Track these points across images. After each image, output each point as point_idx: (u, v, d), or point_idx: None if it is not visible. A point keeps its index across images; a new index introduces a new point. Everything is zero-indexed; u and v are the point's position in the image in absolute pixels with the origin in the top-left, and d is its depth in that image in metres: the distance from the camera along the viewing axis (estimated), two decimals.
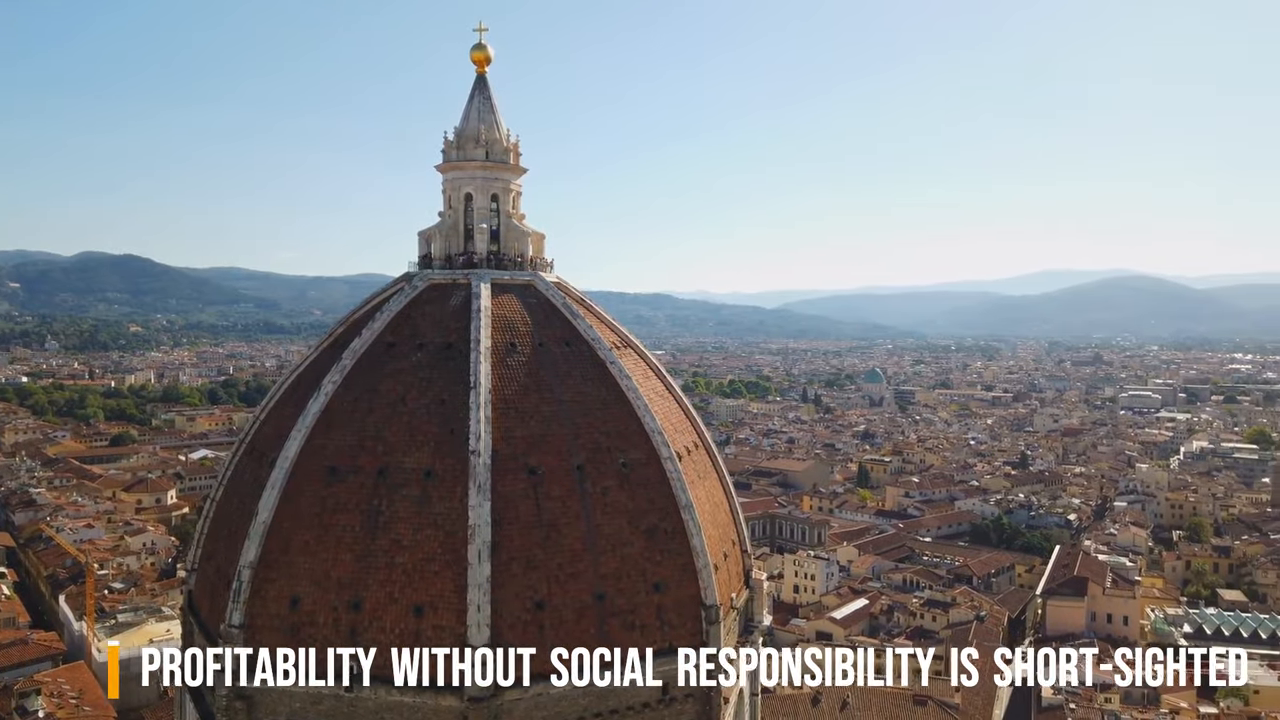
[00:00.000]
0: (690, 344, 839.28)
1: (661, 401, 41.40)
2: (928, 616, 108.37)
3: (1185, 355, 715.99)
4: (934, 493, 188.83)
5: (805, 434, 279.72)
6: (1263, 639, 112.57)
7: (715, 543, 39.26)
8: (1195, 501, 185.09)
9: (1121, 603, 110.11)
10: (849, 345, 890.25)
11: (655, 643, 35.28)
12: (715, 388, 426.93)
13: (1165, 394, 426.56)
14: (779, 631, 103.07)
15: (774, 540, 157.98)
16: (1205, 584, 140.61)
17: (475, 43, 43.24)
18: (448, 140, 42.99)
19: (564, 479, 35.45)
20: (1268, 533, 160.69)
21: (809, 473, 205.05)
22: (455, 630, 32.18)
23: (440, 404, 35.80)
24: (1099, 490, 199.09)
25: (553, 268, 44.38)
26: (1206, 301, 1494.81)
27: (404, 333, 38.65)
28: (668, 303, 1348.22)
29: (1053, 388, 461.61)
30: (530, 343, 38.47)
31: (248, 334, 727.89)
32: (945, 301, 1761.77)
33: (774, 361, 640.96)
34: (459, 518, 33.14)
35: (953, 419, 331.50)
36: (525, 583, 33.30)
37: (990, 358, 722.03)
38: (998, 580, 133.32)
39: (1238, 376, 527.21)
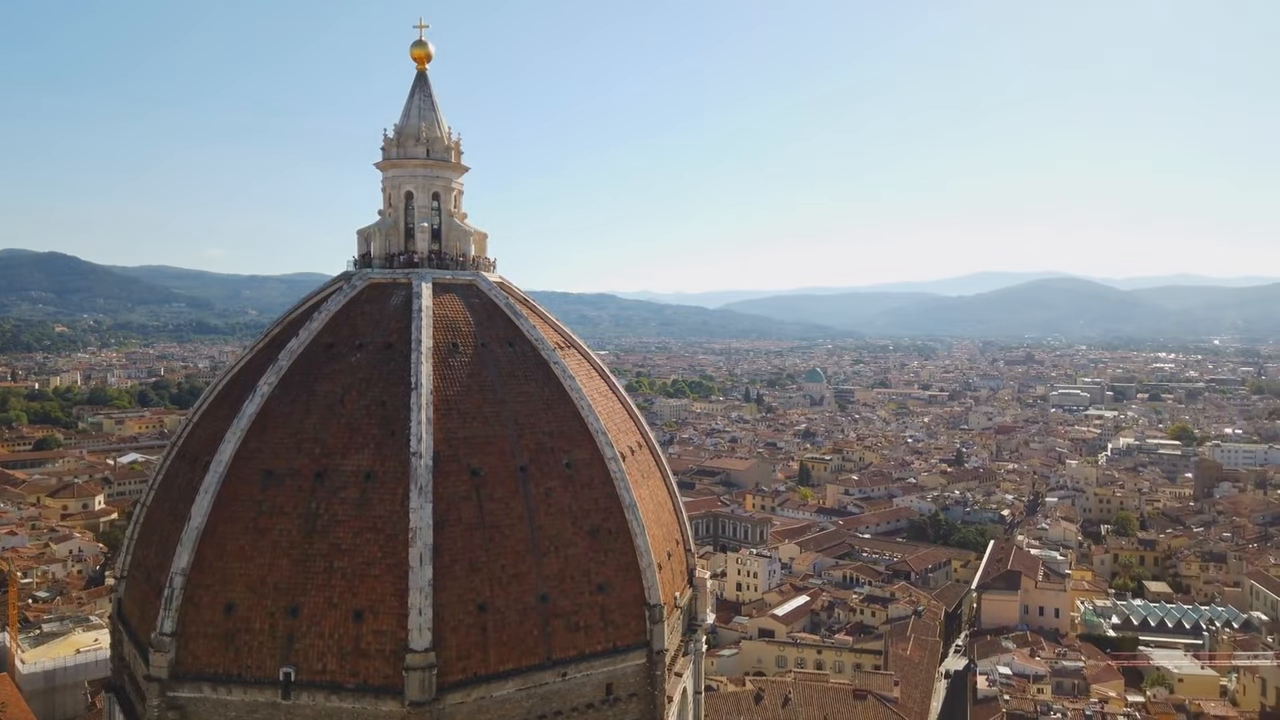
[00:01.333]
0: (634, 344, 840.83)
1: (605, 402, 41.37)
2: (867, 612, 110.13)
3: (1112, 355, 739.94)
4: (873, 490, 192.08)
5: (748, 433, 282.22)
6: (1186, 629, 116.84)
7: (659, 542, 39.36)
8: (1122, 496, 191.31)
9: (1053, 595, 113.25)
10: (790, 345, 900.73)
11: (599, 643, 35.24)
12: (659, 388, 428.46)
13: (1093, 392, 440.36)
14: (722, 629, 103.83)
15: (717, 539, 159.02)
16: (1132, 576, 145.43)
17: (416, 39, 42.73)
18: (388, 138, 42.37)
19: (507, 480, 35.19)
20: (1190, 526, 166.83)
21: (751, 472, 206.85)
22: (396, 635, 31.71)
23: (380, 405, 35.27)
24: (1031, 486, 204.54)
25: (495, 267, 44.07)
26: (1131, 302, 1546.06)
27: (343, 333, 37.98)
28: (611, 303, 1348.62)
29: (987, 386, 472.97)
30: (473, 343, 38.10)
31: (179, 334, 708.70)
32: (883, 302, 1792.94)
33: (717, 361, 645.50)
34: (400, 520, 32.67)
35: (891, 417, 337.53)
36: (468, 585, 32.97)
37: (927, 357, 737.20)
38: (935, 575, 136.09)
39: (1161, 375, 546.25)
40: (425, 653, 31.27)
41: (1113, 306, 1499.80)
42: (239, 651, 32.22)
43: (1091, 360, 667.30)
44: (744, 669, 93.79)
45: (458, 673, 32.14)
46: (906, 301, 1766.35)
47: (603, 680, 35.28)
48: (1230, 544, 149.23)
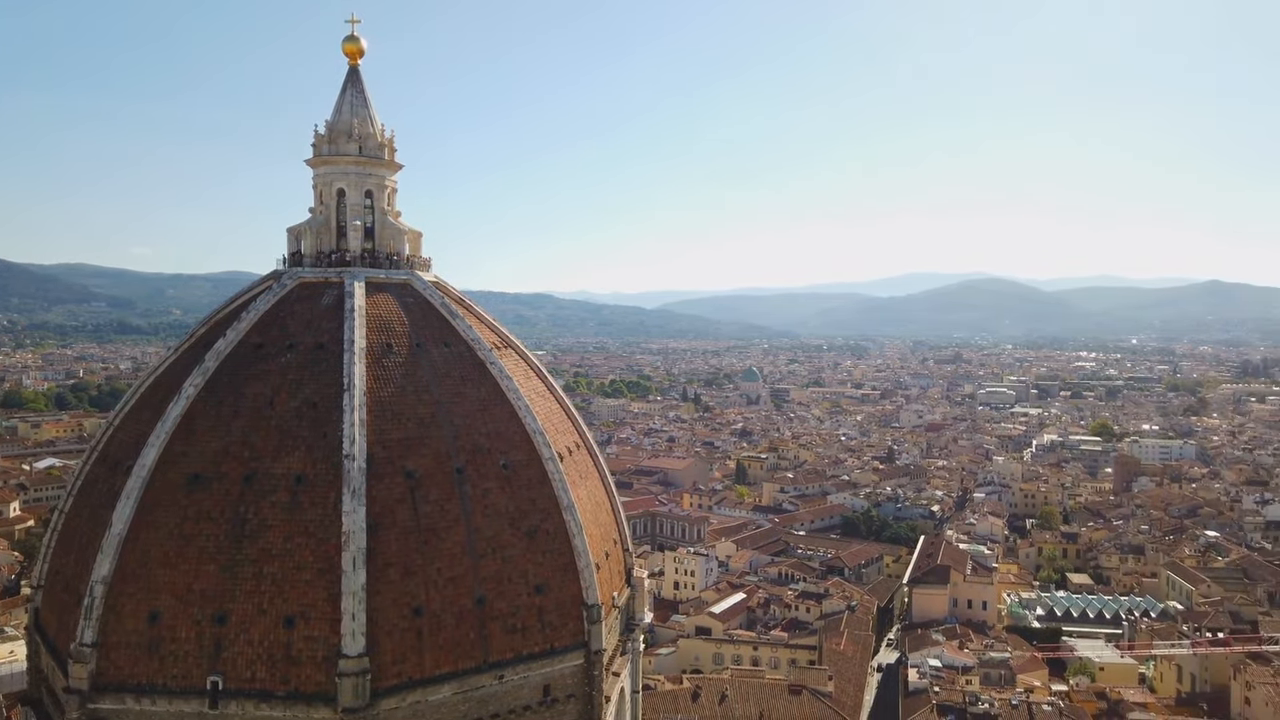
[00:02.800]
0: (571, 344, 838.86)
1: (543, 402, 41.25)
2: (802, 608, 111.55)
3: (1036, 354, 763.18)
4: (808, 488, 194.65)
5: (685, 432, 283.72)
6: (1107, 619, 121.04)
7: (597, 542, 39.40)
8: (1046, 491, 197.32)
9: (980, 589, 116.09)
10: (727, 345, 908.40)
11: (537, 645, 35.16)
12: (596, 388, 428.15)
13: (1019, 390, 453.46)
14: (660, 628, 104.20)
15: (655, 538, 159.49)
16: (1056, 569, 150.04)
17: (348, 34, 42.02)
18: (318, 134, 41.58)
19: (443, 482, 34.86)
20: (1110, 519, 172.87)
21: (689, 471, 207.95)
22: (329, 641, 31.18)
23: (311, 407, 34.61)
24: (960, 482, 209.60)
25: (430, 266, 43.59)
26: (1055, 303, 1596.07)
27: (272, 333, 37.16)
28: (549, 303, 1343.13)
29: (917, 385, 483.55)
30: (407, 343, 37.63)
31: (99, 335, 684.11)
32: (818, 302, 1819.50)
33: (655, 361, 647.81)
34: (332, 524, 32.14)
35: (825, 416, 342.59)
36: (403, 589, 32.58)
37: (860, 357, 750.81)
38: (867, 571, 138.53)
39: (1083, 374, 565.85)
40: (359, 658, 30.83)
41: (1037, 307, 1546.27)
42: (163, 661, 31.36)
43: (1017, 359, 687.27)
44: (681, 667, 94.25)
45: (392, 678, 31.77)
46: (840, 302, 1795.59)
47: (540, 682, 35.20)
48: (1148, 536, 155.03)
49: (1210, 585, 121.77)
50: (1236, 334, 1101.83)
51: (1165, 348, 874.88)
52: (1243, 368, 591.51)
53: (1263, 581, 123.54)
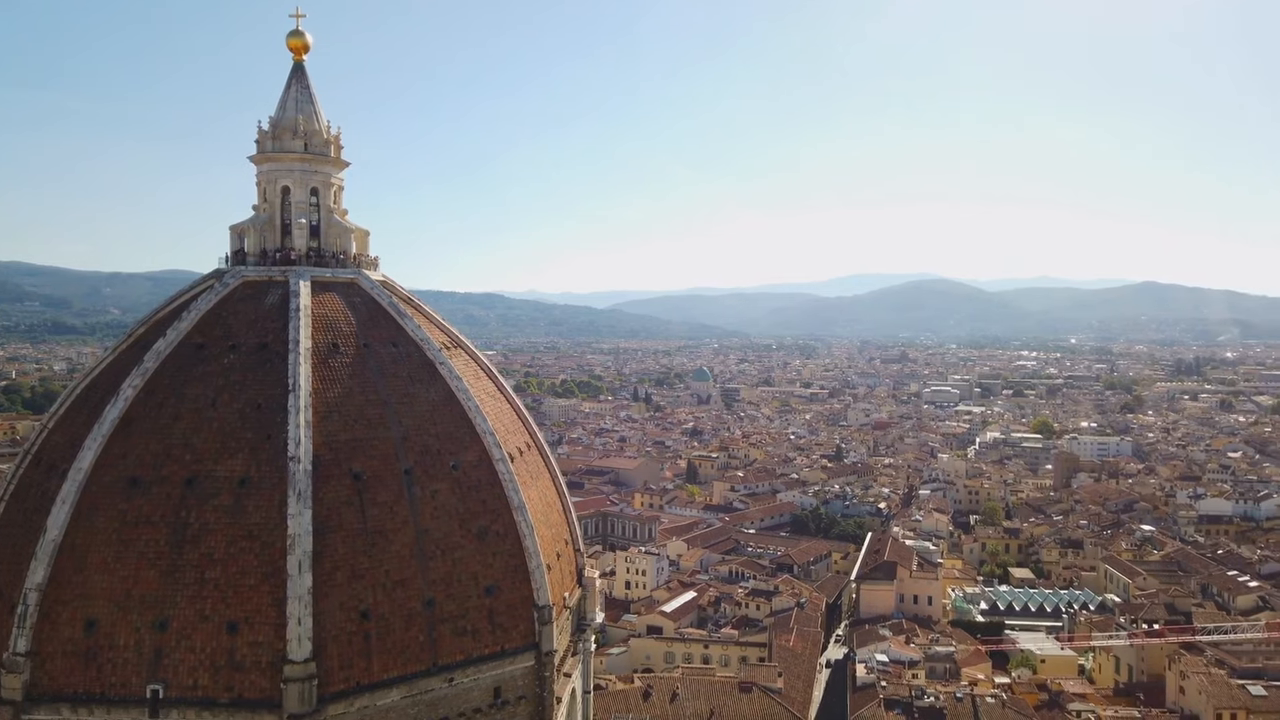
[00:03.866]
0: (522, 344, 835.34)
1: (493, 402, 41.02)
2: (752, 605, 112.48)
3: (980, 353, 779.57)
4: (758, 486, 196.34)
5: (636, 432, 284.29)
6: (1047, 612, 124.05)
7: (548, 543, 39.30)
8: (989, 488, 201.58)
9: (926, 584, 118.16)
10: (678, 345, 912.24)
11: (487, 647, 34.96)
12: (547, 388, 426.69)
13: (963, 389, 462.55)
14: (611, 628, 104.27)
15: (606, 538, 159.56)
16: (998, 564, 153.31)
17: (292, 29, 41.31)
18: (262, 130, 40.84)
19: (391, 483, 34.49)
20: (1051, 515, 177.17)
21: (640, 470, 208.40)
22: (274, 646, 30.66)
23: (256, 408, 33.99)
24: (906, 479, 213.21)
25: (378, 266, 43.07)
26: (997, 303, 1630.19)
27: (215, 333, 36.39)
28: (499, 302, 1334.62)
29: (864, 384, 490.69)
30: (354, 343, 37.14)
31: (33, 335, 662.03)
32: (768, 302, 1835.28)
33: (606, 361, 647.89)
34: (277, 527, 31.61)
35: (775, 415, 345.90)
36: (350, 592, 32.16)
37: (808, 356, 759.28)
38: (816, 567, 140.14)
39: (1024, 372, 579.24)
40: (305, 663, 30.37)
41: (981, 307, 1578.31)
42: (101, 670, 30.58)
43: (961, 359, 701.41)
44: (633, 666, 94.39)
45: (339, 683, 31.37)
46: (789, 302, 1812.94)
47: (491, 684, 35.02)
48: (1086, 531, 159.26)
49: (1146, 578, 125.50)
50: (1170, 334, 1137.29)
51: (1103, 347, 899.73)
52: (1176, 366, 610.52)
53: (1196, 574, 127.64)
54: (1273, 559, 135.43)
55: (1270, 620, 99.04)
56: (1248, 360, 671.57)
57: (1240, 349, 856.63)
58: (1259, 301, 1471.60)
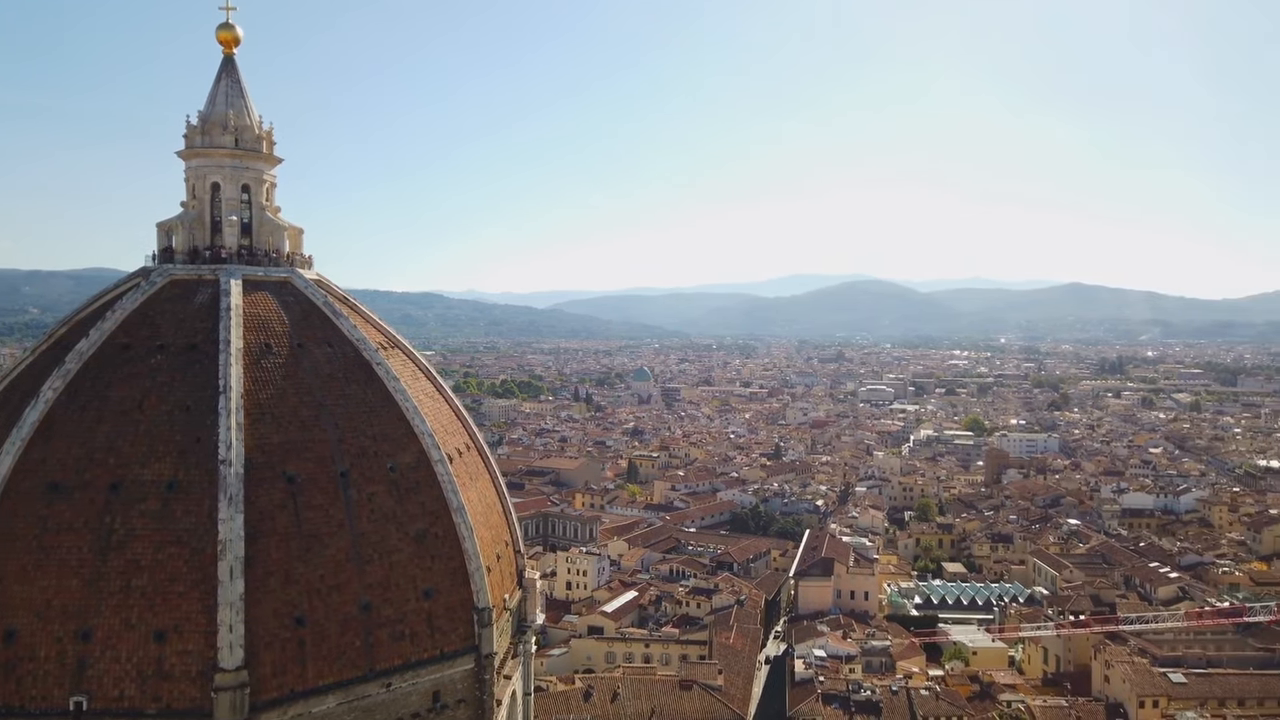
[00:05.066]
0: (461, 344, 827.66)
1: (431, 403, 40.54)
2: (693, 604, 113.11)
3: (913, 353, 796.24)
4: (698, 485, 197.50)
5: (577, 432, 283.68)
6: (979, 605, 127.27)
7: (488, 545, 39.00)
8: (923, 485, 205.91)
9: (863, 580, 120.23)
10: (619, 345, 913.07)
11: (426, 651, 34.55)
12: (487, 388, 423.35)
13: (897, 388, 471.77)
14: (552, 629, 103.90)
15: (547, 538, 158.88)
16: (932, 559, 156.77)
17: (222, 21, 40.27)
18: (191, 125, 39.74)
19: (326, 486, 33.87)
20: (982, 510, 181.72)
21: (581, 470, 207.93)
22: (204, 655, 29.89)
23: (184, 410, 33.06)
24: (843, 477, 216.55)
25: (312, 264, 42.24)
26: (930, 304, 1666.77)
27: (141, 333, 35.29)
28: (438, 302, 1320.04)
29: (802, 383, 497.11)
30: (287, 344, 36.36)
31: None
32: (707, 302, 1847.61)
33: (546, 361, 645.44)
34: (207, 533, 30.80)
35: (715, 414, 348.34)
36: (284, 598, 31.51)
37: (748, 356, 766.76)
38: (756, 565, 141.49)
39: (956, 371, 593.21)
40: (237, 671, 29.68)
41: (914, 308, 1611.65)
42: (21, 682, 29.47)
43: (895, 358, 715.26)
44: (574, 667, 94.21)
45: (273, 690, 30.72)
46: (729, 302, 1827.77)
47: (430, 688, 34.64)
48: (1016, 525, 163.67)
49: (1072, 571, 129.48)
50: (1094, 333, 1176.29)
51: (1031, 346, 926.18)
52: (1100, 365, 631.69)
53: (1119, 566, 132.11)
54: (1191, 551, 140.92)
55: (1189, 610, 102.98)
56: (1167, 359, 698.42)
57: (1160, 348, 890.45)
58: (1177, 302, 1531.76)
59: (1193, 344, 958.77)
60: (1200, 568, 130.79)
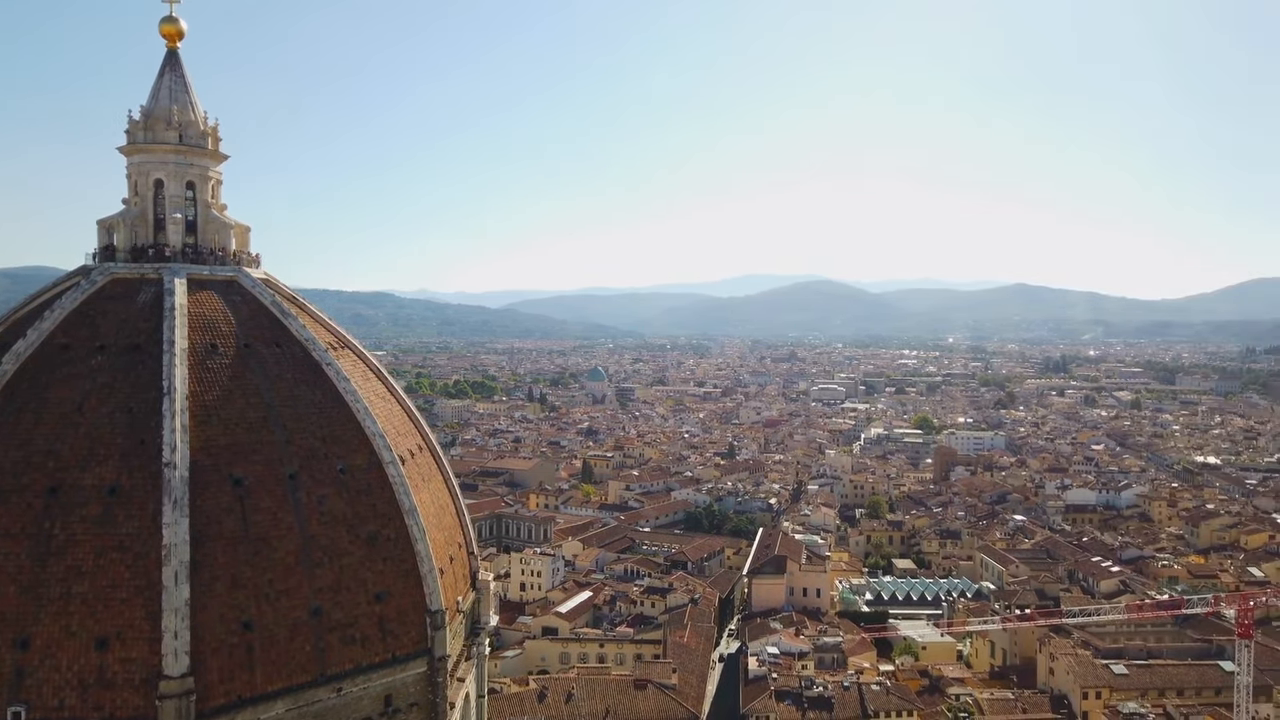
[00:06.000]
0: (414, 344, 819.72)
1: (383, 404, 40.09)
2: (647, 603, 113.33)
3: (864, 352, 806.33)
4: (653, 484, 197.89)
5: (531, 433, 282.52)
6: (928, 600, 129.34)
7: (440, 547, 38.69)
8: (874, 482, 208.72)
9: (815, 577, 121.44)
10: (573, 345, 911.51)
11: (377, 654, 34.17)
12: (440, 388, 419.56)
13: (849, 387, 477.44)
14: (506, 630, 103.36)
15: (501, 539, 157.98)
16: (883, 555, 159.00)
17: (166, 14, 39.38)
18: (133, 120, 38.81)
19: (274, 489, 33.31)
20: (931, 507, 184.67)
21: (535, 471, 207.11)
22: (148, 662, 29.22)
23: (126, 412, 32.27)
24: (795, 475, 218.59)
25: (260, 263, 41.51)
26: (881, 304, 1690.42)
27: (80, 333, 34.38)
28: (389, 301, 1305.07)
29: (755, 383, 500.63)
30: (234, 344, 35.69)
31: None
32: (662, 302, 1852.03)
33: (500, 361, 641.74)
34: (151, 537, 30.11)
35: (669, 414, 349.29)
36: (231, 603, 30.93)
37: (702, 355, 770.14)
38: (710, 564, 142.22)
39: (906, 370, 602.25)
40: (182, 678, 29.07)
41: (865, 308, 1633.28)
42: None
43: (847, 357, 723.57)
44: (528, 669, 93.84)
45: (220, 697, 30.15)
46: (683, 302, 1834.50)
47: (381, 692, 34.28)
48: (963, 522, 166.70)
49: (1018, 566, 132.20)
50: (1038, 333, 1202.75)
51: (978, 346, 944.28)
52: (1045, 364, 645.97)
53: (1063, 560, 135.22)
54: (1132, 545, 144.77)
55: (1130, 603, 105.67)
56: (1109, 358, 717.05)
57: (1102, 347, 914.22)
58: (1118, 303, 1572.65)
59: (1133, 343, 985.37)
60: (1140, 561, 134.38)
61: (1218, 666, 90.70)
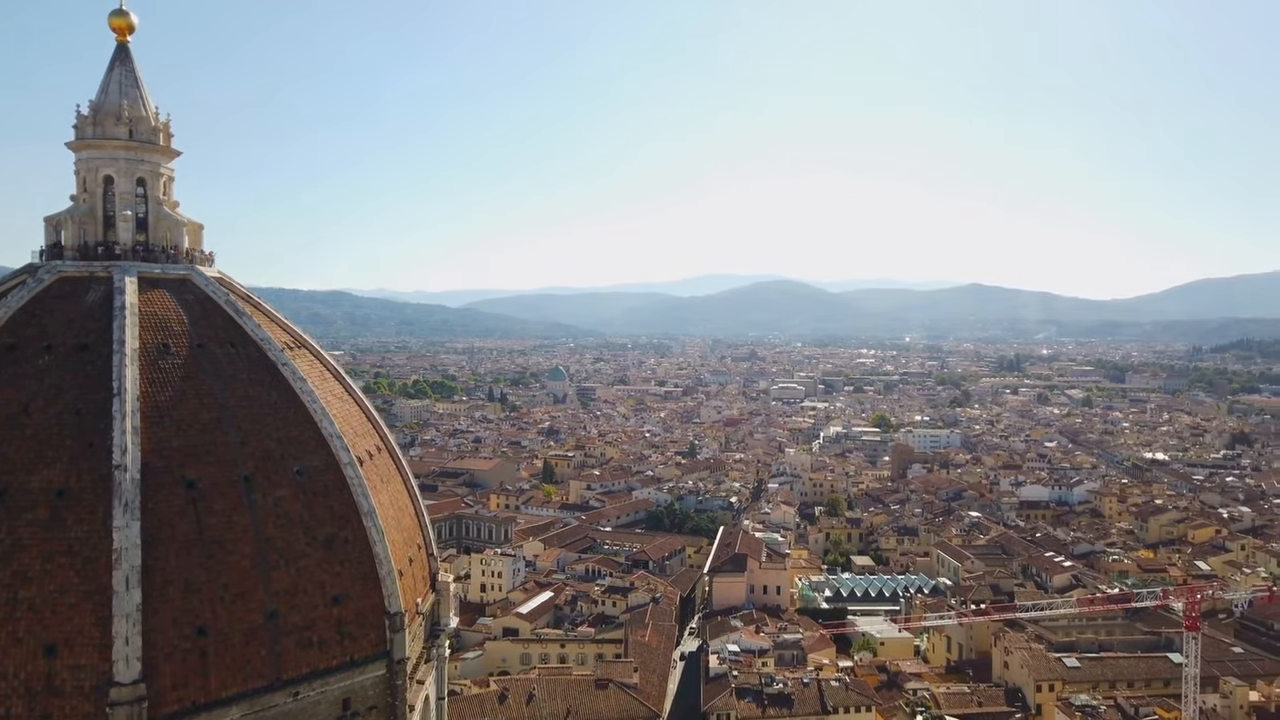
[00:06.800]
0: (372, 344, 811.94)
1: (340, 404, 39.60)
2: (609, 603, 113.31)
3: (823, 351, 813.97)
4: (614, 484, 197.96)
5: (492, 433, 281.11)
6: (886, 597, 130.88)
7: (399, 548, 38.31)
8: (832, 480, 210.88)
9: (775, 574, 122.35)
10: (534, 344, 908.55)
11: (335, 658, 33.74)
12: (399, 388, 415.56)
13: (808, 385, 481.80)
14: (466, 632, 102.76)
15: (461, 540, 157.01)
16: (841, 552, 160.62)
17: (115, 7, 38.51)
18: (82, 115, 37.88)
19: (229, 491, 32.72)
20: (889, 504, 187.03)
21: (495, 471, 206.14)
22: (98, 669, 28.55)
23: (75, 414, 31.51)
24: (755, 474, 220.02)
25: (213, 261, 40.76)
26: (839, 304, 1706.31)
27: (27, 333, 33.48)
28: (347, 301, 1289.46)
29: (716, 382, 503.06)
30: (187, 344, 35.00)
31: None
32: (623, 302, 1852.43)
33: (460, 361, 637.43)
34: (101, 541, 29.42)
35: (630, 413, 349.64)
36: (184, 608, 30.33)
37: (663, 355, 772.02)
38: (671, 562, 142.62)
39: (864, 369, 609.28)
40: (134, 685, 28.45)
41: (824, 308, 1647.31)
42: None
43: (806, 356, 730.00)
44: (488, 670, 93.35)
45: (173, 703, 29.56)
46: (643, 301, 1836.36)
47: (339, 696, 33.86)
48: (920, 518, 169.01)
49: (974, 561, 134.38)
50: (993, 332, 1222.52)
51: (934, 345, 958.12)
52: (999, 363, 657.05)
53: (1018, 556, 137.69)
54: (1084, 540, 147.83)
55: (1081, 597, 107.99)
56: (1061, 357, 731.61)
57: (1054, 346, 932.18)
58: (1070, 303, 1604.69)
59: (1084, 342, 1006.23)
60: (1092, 556, 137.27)
61: (1166, 658, 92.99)
